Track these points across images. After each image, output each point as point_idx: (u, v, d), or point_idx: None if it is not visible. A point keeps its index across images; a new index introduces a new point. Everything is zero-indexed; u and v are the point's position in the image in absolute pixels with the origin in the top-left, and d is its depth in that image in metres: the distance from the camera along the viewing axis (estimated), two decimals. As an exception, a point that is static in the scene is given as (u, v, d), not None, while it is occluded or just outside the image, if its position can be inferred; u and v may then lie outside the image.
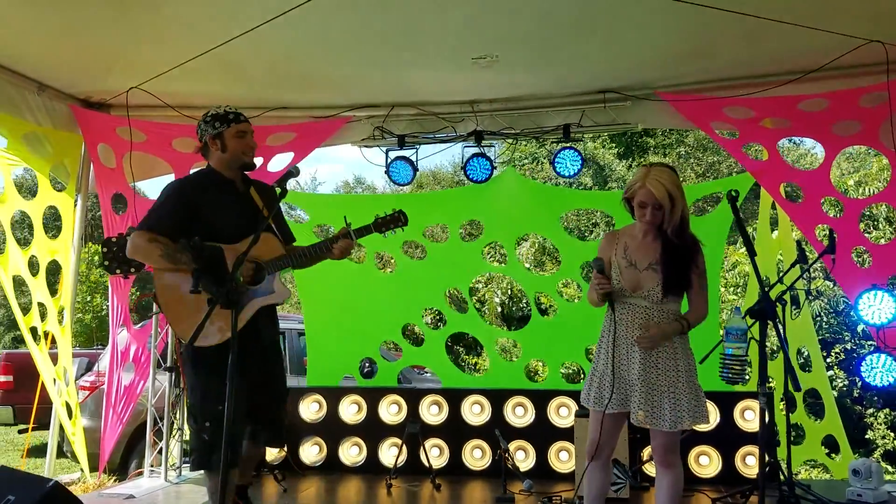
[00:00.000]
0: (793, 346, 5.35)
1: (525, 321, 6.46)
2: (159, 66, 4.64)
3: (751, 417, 4.71)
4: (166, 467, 5.01)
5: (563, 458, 4.94)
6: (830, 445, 5.41)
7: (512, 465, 4.64)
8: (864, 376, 4.36)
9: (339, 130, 5.56)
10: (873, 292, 4.27)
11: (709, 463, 4.75)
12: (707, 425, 4.70)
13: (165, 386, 5.15)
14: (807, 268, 4.32)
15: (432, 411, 5.17)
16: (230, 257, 3.11)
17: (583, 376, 4.65)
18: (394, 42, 4.55)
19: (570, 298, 8.47)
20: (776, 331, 2.88)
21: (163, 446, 5.04)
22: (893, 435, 9.57)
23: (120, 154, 5.22)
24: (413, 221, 5.94)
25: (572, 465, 4.69)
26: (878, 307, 4.23)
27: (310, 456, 5.23)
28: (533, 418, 5.03)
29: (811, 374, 5.47)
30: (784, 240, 5.53)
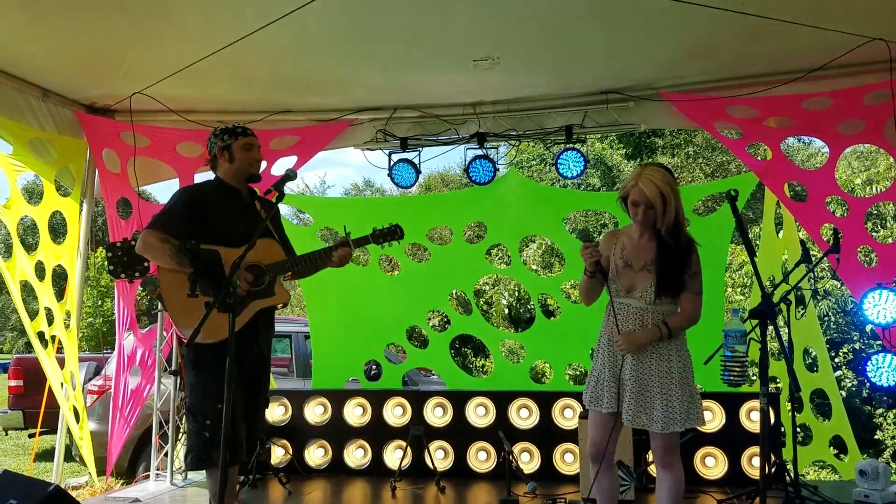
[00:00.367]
0: (799, 346, 5.32)
1: (532, 323, 6.45)
2: (163, 70, 4.66)
3: (757, 418, 4.68)
4: (172, 471, 5.04)
5: (568, 459, 4.92)
6: (838, 446, 5.37)
7: (516, 467, 4.63)
8: (870, 376, 4.33)
9: (342, 133, 5.58)
10: (878, 291, 4.24)
11: (715, 464, 4.72)
12: (712, 426, 4.72)
13: (171, 389, 5.18)
14: (811, 267, 4.30)
15: (437, 413, 5.17)
16: (228, 261, 3.16)
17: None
18: (396, 44, 4.56)
19: (575, 300, 8.41)
20: (776, 332, 2.87)
21: (168, 450, 5.06)
22: (904, 435, 9.49)
23: (124, 159, 5.25)
24: (417, 224, 6.05)
25: (577, 468, 4.67)
26: (883, 306, 4.20)
27: (315, 458, 5.24)
28: (537, 420, 5.02)
29: (818, 375, 5.44)
30: (789, 240, 5.50)
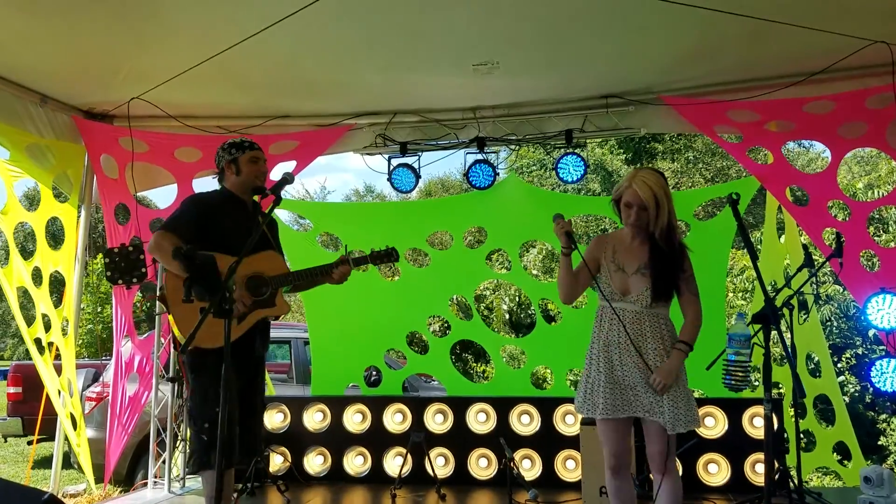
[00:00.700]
0: (802, 351, 5.27)
1: (533, 328, 6.41)
2: (161, 76, 4.64)
3: (759, 424, 4.63)
4: (169, 479, 4.99)
5: (570, 466, 4.88)
6: (842, 452, 5.33)
7: (518, 474, 4.58)
8: (874, 381, 4.30)
9: (342, 138, 5.56)
10: (882, 296, 4.21)
11: (718, 471, 4.68)
12: (714, 433, 4.68)
13: (168, 396, 5.14)
14: (814, 272, 4.26)
15: (437, 420, 5.13)
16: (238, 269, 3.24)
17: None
18: (395, 49, 4.53)
19: (576, 305, 8.36)
20: (780, 337, 2.84)
21: (166, 457, 5.02)
22: (907, 441, 9.45)
23: (122, 164, 5.23)
24: (417, 229, 6.02)
25: (579, 474, 4.63)
26: (886, 311, 4.17)
27: (314, 466, 5.20)
28: (539, 426, 4.98)
29: (821, 380, 5.40)
30: (791, 244, 5.46)
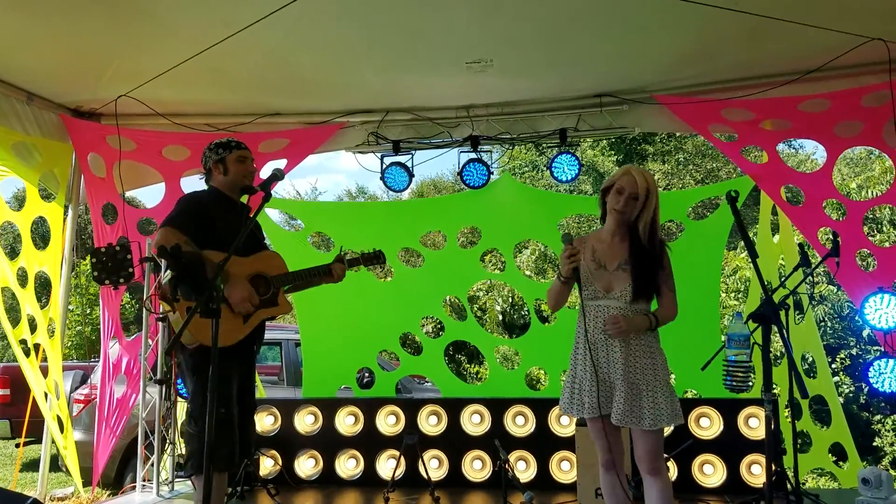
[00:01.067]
0: (797, 351, 5.26)
1: (526, 329, 6.36)
2: (149, 74, 4.59)
3: (755, 425, 4.61)
4: (158, 482, 4.91)
5: (565, 468, 4.84)
6: (838, 453, 5.29)
7: (512, 476, 4.54)
8: (872, 382, 4.27)
9: (333, 136, 5.51)
10: (880, 296, 4.19)
11: (713, 472, 4.64)
12: (710, 433, 4.64)
13: (156, 399, 5.05)
14: (810, 271, 4.23)
15: (431, 422, 5.07)
16: (235, 270, 3.29)
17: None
18: (388, 46, 4.49)
19: (570, 305, 8.34)
20: (780, 335, 2.79)
21: (155, 460, 4.94)
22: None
23: (110, 163, 5.16)
24: (410, 229, 5.96)
25: (574, 476, 4.59)
26: (884, 311, 4.15)
27: (305, 469, 5.13)
28: (534, 428, 4.94)
29: (816, 381, 5.37)
30: (786, 244, 5.43)
